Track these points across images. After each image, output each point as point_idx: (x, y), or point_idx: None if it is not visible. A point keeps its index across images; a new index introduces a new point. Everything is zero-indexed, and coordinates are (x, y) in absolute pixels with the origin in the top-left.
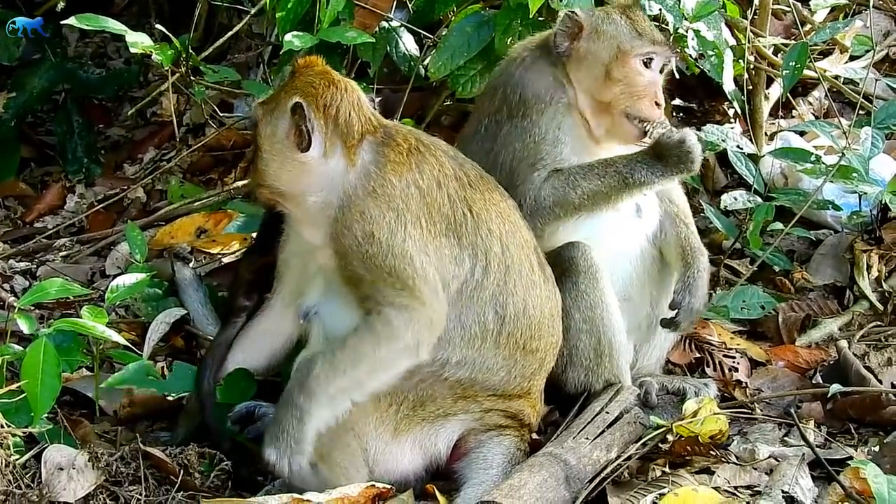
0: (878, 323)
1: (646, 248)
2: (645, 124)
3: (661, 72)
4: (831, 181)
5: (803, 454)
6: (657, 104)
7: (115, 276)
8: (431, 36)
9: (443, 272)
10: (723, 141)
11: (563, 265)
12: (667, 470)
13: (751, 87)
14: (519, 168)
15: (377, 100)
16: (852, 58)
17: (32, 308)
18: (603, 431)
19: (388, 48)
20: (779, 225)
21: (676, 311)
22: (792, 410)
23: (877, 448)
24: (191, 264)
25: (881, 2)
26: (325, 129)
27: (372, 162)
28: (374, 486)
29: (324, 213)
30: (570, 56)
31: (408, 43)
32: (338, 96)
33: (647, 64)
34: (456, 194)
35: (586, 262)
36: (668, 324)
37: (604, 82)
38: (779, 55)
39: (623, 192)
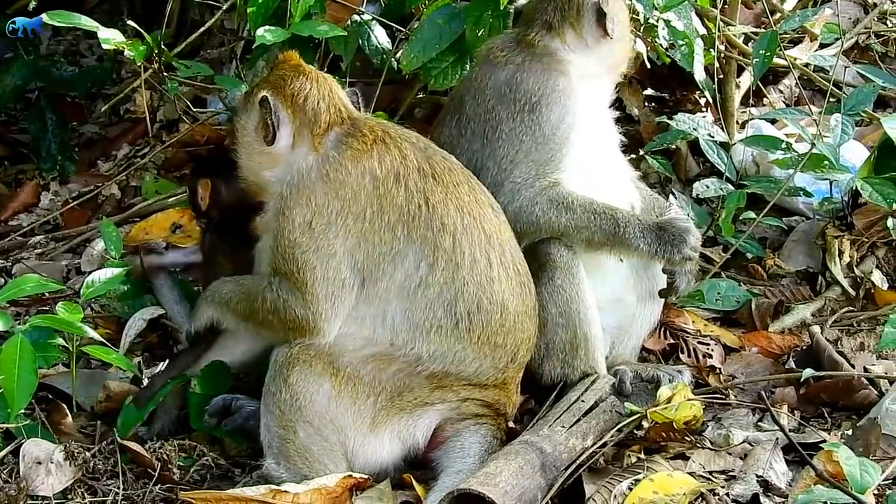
0: (850, 308)
1: None
2: None
3: None
4: (802, 171)
5: (777, 439)
6: None
7: (90, 273)
8: (403, 29)
9: (371, 268)
10: (694, 130)
11: (541, 259)
12: (642, 456)
13: (721, 76)
14: (520, 166)
15: (359, 94)
16: (822, 46)
17: (7, 305)
18: (579, 419)
19: (360, 41)
20: (751, 214)
21: (671, 274)
22: (765, 395)
23: (849, 431)
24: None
25: None
26: (292, 119)
27: (333, 148)
28: (351, 476)
29: (275, 189)
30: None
31: (380, 36)
32: (306, 86)
33: None
34: (415, 186)
35: (563, 257)
36: (665, 292)
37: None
38: (749, 44)
39: (607, 240)
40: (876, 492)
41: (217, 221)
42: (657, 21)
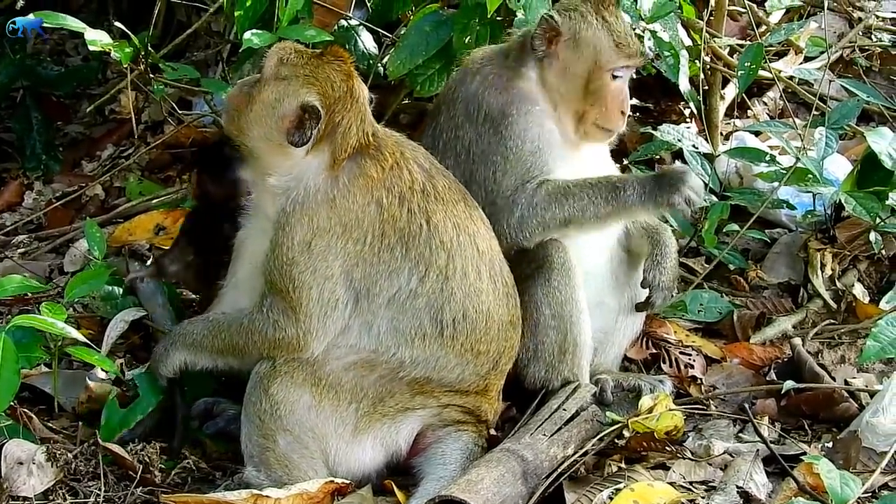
0: (832, 321)
1: (616, 251)
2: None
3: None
4: (785, 184)
5: (758, 450)
6: (622, 113)
7: (73, 273)
8: (390, 35)
9: (368, 286)
10: (679, 140)
11: (538, 261)
12: (623, 466)
13: (706, 88)
14: (503, 181)
15: (373, 99)
16: (807, 59)
17: None
18: (560, 428)
19: (347, 46)
20: (734, 226)
21: (650, 289)
22: (748, 407)
23: (830, 444)
24: (148, 262)
25: (835, 3)
26: (323, 132)
27: (348, 173)
28: (332, 481)
29: (276, 198)
30: (546, 60)
31: (366, 42)
32: (348, 106)
33: (616, 76)
34: (417, 207)
35: (560, 259)
36: (643, 306)
37: (580, 92)
38: (734, 56)
39: (611, 209)
40: None
41: (199, 209)
42: (643, 32)
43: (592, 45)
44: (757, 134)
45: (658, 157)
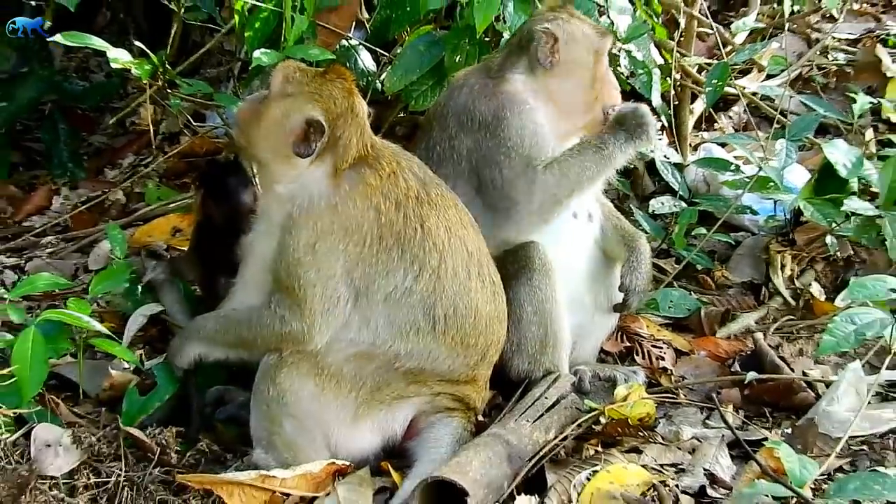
0: (791, 317)
1: (593, 251)
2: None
3: None
4: (749, 192)
5: (723, 435)
6: (616, 89)
7: (97, 271)
8: (387, 54)
9: (366, 284)
10: (651, 151)
11: (520, 262)
12: (599, 449)
13: (677, 103)
14: (513, 176)
15: (371, 113)
16: (769, 76)
17: (20, 300)
18: (542, 415)
19: (348, 64)
20: (702, 229)
21: (625, 293)
22: (714, 396)
23: (789, 430)
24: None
25: (795, 26)
26: (326, 145)
27: (348, 181)
28: (334, 463)
29: (283, 204)
30: (548, 66)
31: (365, 60)
32: (349, 120)
33: (603, 57)
34: (412, 212)
35: (541, 260)
36: (619, 307)
37: (588, 83)
38: (702, 73)
39: (601, 166)
40: (812, 486)
41: (203, 225)
42: (619, 51)
43: (584, 37)
44: (723, 145)
45: (632, 166)
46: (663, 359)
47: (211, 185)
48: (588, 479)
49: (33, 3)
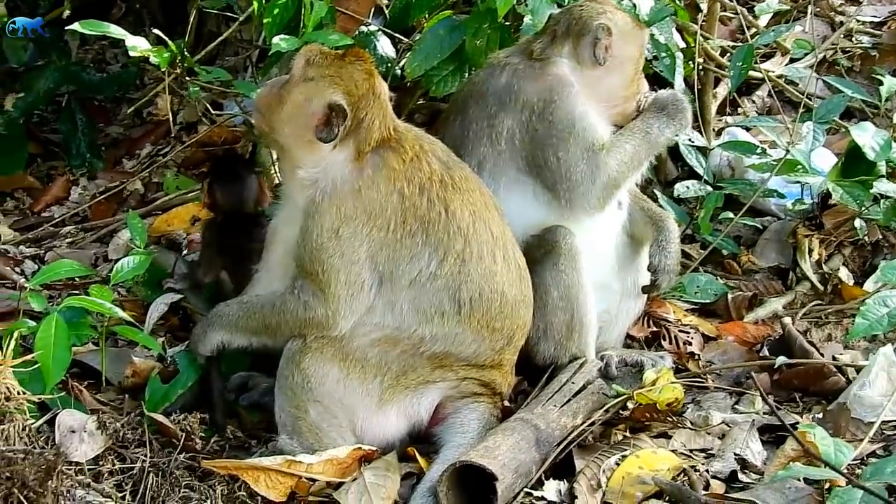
0: (819, 302)
1: (620, 237)
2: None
3: None
4: (776, 176)
5: (753, 420)
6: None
7: (116, 261)
8: (406, 39)
9: (391, 269)
10: (676, 135)
11: (546, 247)
12: (628, 434)
13: (700, 87)
14: (573, 161)
15: (393, 97)
16: (793, 60)
17: (41, 288)
18: (569, 400)
19: (367, 50)
20: (728, 213)
21: (655, 273)
22: (751, 376)
23: (820, 415)
24: (184, 252)
25: (819, 8)
26: (349, 129)
27: (372, 165)
28: (360, 448)
29: (306, 189)
30: (602, 64)
31: (385, 46)
32: (371, 102)
33: None
34: (436, 196)
35: (567, 244)
36: (649, 288)
37: (633, 77)
38: (725, 57)
39: (650, 150)
40: (845, 470)
41: (214, 219)
42: None
43: (632, 33)
44: (748, 129)
45: None
46: (690, 344)
47: (219, 172)
48: (617, 464)
49: None
